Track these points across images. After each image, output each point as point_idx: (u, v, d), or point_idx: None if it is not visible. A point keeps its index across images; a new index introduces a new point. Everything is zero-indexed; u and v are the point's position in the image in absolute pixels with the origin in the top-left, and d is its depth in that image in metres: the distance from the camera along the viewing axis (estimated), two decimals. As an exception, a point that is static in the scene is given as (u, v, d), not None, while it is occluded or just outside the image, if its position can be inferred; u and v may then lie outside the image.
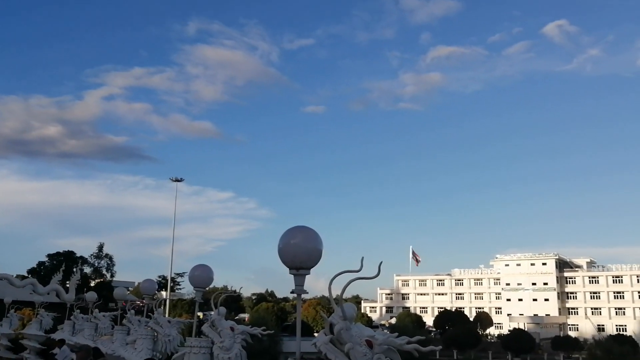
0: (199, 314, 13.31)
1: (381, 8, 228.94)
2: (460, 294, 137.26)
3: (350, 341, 6.06)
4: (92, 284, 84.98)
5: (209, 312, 43.82)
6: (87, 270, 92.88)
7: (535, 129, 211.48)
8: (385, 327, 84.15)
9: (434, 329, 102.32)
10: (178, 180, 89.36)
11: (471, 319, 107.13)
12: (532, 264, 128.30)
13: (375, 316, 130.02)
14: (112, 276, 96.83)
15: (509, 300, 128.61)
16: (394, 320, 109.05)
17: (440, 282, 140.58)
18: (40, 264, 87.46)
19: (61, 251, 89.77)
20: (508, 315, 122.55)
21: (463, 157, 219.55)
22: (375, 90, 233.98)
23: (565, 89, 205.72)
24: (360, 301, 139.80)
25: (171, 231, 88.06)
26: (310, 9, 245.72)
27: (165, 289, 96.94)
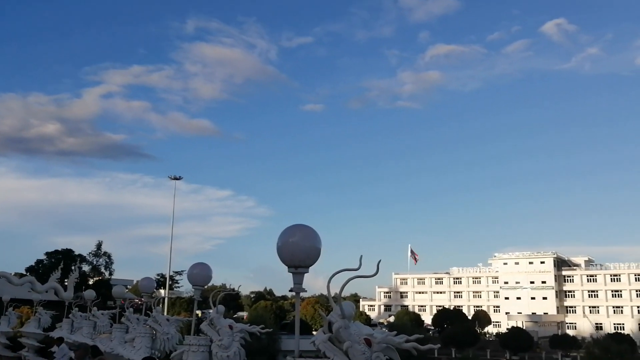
0: (197, 312, 13.29)
1: (380, 6, 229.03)
2: (458, 292, 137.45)
3: (349, 339, 6.06)
4: (91, 282, 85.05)
5: (207, 310, 43.85)
6: (86, 268, 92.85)
7: (533, 127, 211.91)
8: (384, 326, 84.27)
9: (432, 328, 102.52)
10: (177, 179, 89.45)
11: (469, 318, 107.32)
12: (531, 263, 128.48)
13: (373, 314, 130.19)
14: (110, 274, 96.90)
15: (507, 298, 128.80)
16: (392, 319, 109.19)
17: (439, 280, 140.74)
18: (39, 262, 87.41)
19: (60, 249, 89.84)
20: (506, 313, 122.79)
21: (462, 155, 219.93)
22: (374, 89, 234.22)
23: (564, 87, 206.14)
24: (359, 299, 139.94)
25: (170, 229, 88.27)
26: (309, 7, 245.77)
27: (164, 287, 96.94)
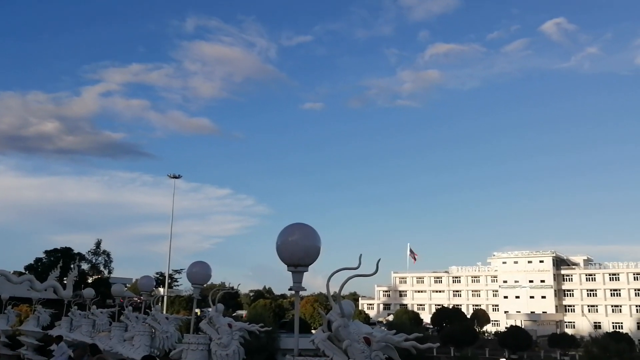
0: (196, 311, 13.27)
1: (379, 5, 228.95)
2: (457, 291, 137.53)
3: (348, 338, 6.07)
4: (90, 281, 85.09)
5: (206, 308, 43.87)
6: (85, 266, 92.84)
7: (533, 126, 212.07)
8: (383, 325, 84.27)
9: (431, 326, 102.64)
10: (176, 177, 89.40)
11: (468, 317, 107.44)
12: (530, 262, 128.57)
13: (372, 313, 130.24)
14: (109, 273, 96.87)
15: (506, 297, 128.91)
16: (391, 318, 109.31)
17: (438, 279, 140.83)
18: (38, 260, 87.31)
19: (59, 247, 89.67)
20: (505, 312, 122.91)
21: (461, 154, 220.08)
22: (374, 88, 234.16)
23: (563, 86, 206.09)
24: (358, 298, 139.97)
25: (169, 228, 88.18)
26: (309, 6, 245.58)
27: (163, 286, 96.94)
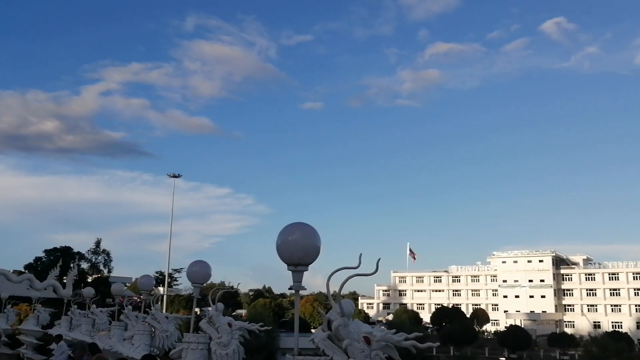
0: (196, 310, 13.28)
1: (379, 4, 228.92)
2: (457, 290, 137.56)
3: (348, 337, 6.07)
4: (90, 280, 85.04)
5: (206, 307, 43.87)
6: (85, 265, 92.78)
7: (532, 126, 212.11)
8: (382, 324, 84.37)
9: (431, 326, 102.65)
10: (176, 176, 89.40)
11: (468, 316, 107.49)
12: (529, 261, 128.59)
13: (372, 312, 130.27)
14: (109, 272, 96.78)
15: (505, 297, 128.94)
16: (391, 317, 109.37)
17: (437, 278, 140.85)
18: (37, 259, 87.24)
19: (58, 247, 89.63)
20: (505, 312, 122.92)
21: (461, 153, 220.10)
22: (373, 87, 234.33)
23: (563, 86, 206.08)
24: (357, 297, 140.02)
25: (169, 227, 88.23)
26: (309, 5, 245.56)
27: (163, 285, 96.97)
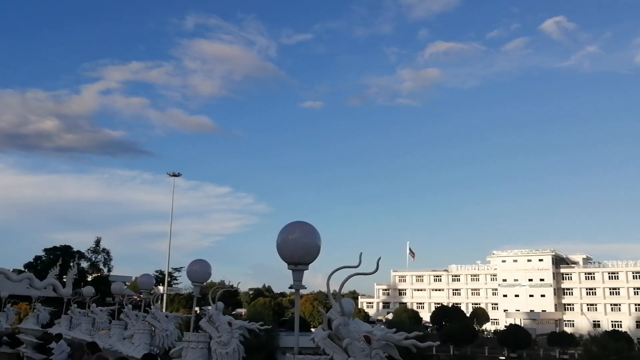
0: (196, 309, 13.28)
1: (379, 3, 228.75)
2: (457, 289, 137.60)
3: (349, 336, 6.07)
4: (90, 279, 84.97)
5: (205, 306, 43.90)
6: (84, 264, 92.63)
7: (532, 125, 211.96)
8: (382, 323, 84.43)
9: (430, 325, 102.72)
10: (175, 175, 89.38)
11: (468, 315, 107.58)
12: (529, 260, 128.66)
13: (372, 312, 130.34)
14: (109, 271, 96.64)
15: (505, 296, 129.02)
16: (390, 316, 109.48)
17: (437, 278, 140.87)
18: (37, 258, 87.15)
19: (58, 245, 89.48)
20: (504, 311, 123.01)
21: (461, 153, 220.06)
22: (373, 86, 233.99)
23: (563, 85, 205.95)
24: (357, 297, 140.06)
25: (168, 226, 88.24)
26: (309, 4, 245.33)
27: (163, 284, 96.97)
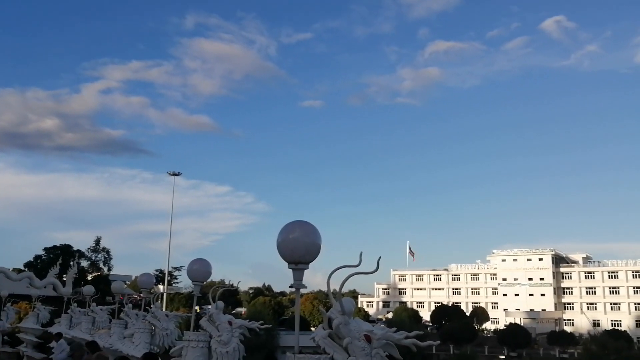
0: (196, 308, 13.28)
1: (379, 3, 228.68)
2: (457, 289, 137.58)
3: (349, 336, 6.06)
4: (90, 278, 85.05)
5: (206, 306, 43.90)
6: (84, 263, 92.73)
7: (532, 124, 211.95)
8: (382, 322, 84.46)
9: (430, 324, 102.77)
10: (175, 174, 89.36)
11: (468, 314, 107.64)
12: (529, 259, 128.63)
13: (372, 311, 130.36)
14: (109, 270, 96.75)
15: (505, 295, 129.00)
16: (390, 315, 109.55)
17: (437, 277, 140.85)
18: (37, 257, 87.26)
19: (58, 245, 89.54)
20: (504, 310, 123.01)
21: (461, 152, 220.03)
22: (373, 85, 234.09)
23: (563, 84, 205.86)
24: (357, 296, 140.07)
25: (168, 225, 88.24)
26: (309, 4, 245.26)
27: (163, 283, 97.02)
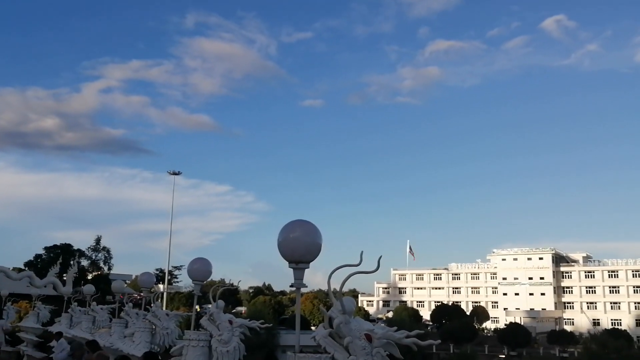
0: (196, 307, 13.27)
1: (379, 2, 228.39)
2: (457, 288, 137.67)
3: (350, 335, 6.06)
4: (90, 277, 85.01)
5: (206, 305, 43.93)
6: (85, 263, 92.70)
7: (532, 123, 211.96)
8: (383, 321, 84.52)
9: (430, 323, 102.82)
10: (176, 174, 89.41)
11: (468, 313, 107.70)
12: (529, 259, 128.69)
13: (372, 310, 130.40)
14: (109, 269, 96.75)
15: (505, 294, 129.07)
16: (390, 314, 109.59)
17: (437, 276, 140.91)
18: (37, 256, 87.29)
19: (58, 244, 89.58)
20: (505, 309, 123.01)
21: (461, 151, 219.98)
22: (374, 84, 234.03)
23: (563, 84, 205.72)
24: (358, 295, 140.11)
25: (169, 224, 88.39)
26: (309, 3, 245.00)
27: (163, 282, 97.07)
